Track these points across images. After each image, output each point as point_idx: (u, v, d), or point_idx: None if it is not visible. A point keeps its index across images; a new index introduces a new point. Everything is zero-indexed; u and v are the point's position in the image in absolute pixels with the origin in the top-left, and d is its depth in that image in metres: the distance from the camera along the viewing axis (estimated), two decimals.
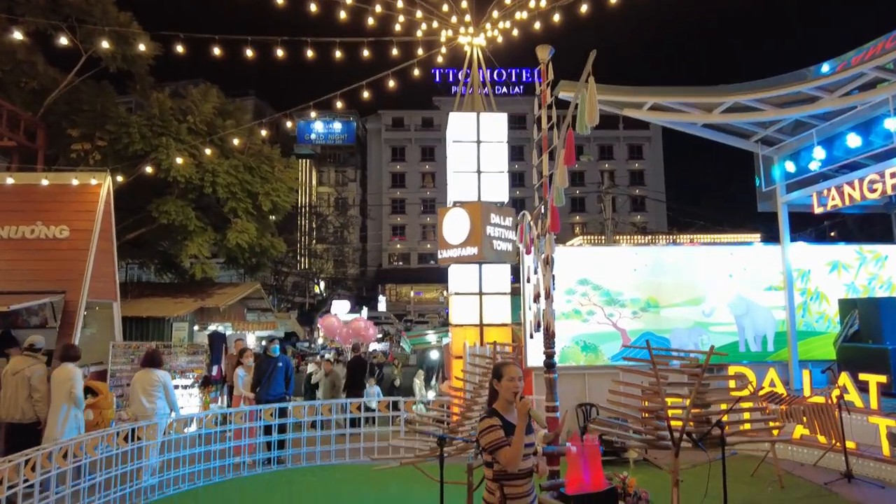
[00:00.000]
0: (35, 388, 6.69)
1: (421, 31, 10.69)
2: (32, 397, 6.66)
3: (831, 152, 9.46)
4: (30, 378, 6.70)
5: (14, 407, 6.64)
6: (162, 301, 13.42)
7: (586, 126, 4.14)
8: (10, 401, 6.66)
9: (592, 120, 4.14)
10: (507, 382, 3.18)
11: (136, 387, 7.36)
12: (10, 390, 6.71)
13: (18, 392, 6.66)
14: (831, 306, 10.63)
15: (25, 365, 6.81)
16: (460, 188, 10.29)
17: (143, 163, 13.18)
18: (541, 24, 10.36)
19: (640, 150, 54.85)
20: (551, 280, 5.91)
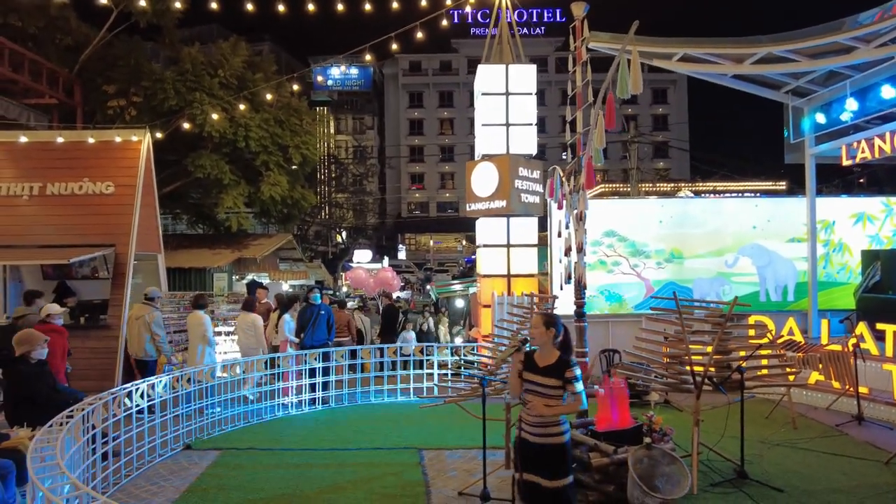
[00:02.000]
0: (154, 333, 8.16)
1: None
2: (153, 339, 8.16)
3: (864, 104, 9.39)
4: (148, 323, 8.14)
5: (139, 347, 8.24)
6: (201, 252, 14.02)
7: (628, 91, 4.33)
8: (135, 341, 8.27)
9: (637, 88, 4.32)
10: (531, 330, 3.73)
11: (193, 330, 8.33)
12: (134, 333, 8.29)
13: (140, 334, 8.18)
14: (854, 257, 10.80)
15: (144, 312, 8.24)
16: (488, 140, 10.47)
17: (178, 118, 13.49)
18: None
19: (664, 95, 53.47)
20: (584, 235, 6.23)
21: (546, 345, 3.61)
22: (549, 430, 3.56)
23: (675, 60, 9.91)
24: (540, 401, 3.55)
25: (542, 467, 3.57)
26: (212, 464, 6.11)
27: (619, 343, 9.72)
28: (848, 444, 6.58)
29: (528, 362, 3.65)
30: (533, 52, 50.24)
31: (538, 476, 3.57)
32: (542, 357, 3.62)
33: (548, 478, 3.54)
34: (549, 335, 3.60)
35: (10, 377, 5.47)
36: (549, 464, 3.56)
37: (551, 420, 3.56)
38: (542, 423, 3.56)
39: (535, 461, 3.61)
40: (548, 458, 3.56)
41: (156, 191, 11.66)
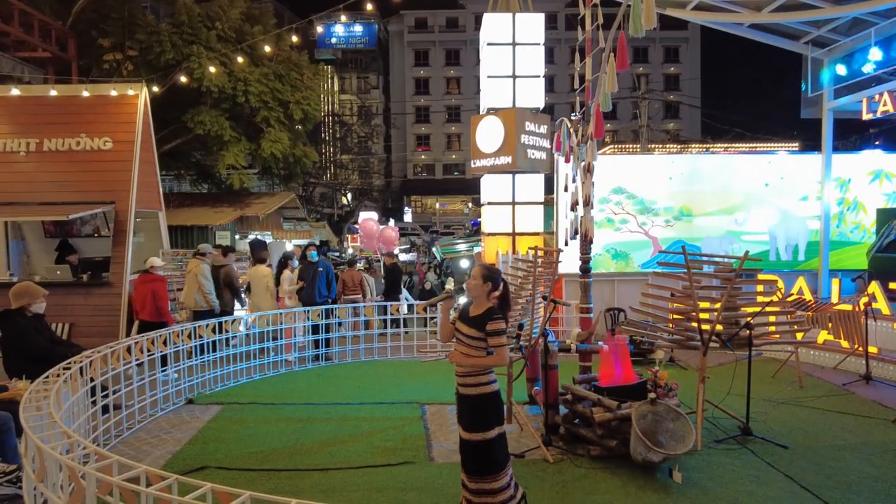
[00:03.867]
0: (202, 284, 8.52)
1: None
2: (201, 290, 8.52)
3: (889, 53, 8.97)
4: (198, 276, 8.51)
5: (191, 298, 8.62)
6: (203, 210, 13.89)
7: (641, 28, 4.05)
8: (189, 294, 8.68)
9: (650, 22, 4.04)
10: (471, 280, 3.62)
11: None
12: (189, 286, 8.72)
13: (192, 286, 8.59)
14: (868, 216, 10.55)
15: (194, 266, 8.67)
16: (494, 93, 10.14)
17: (176, 72, 13.16)
18: None
19: (676, 53, 51.99)
20: (591, 188, 6.02)
21: (480, 297, 3.55)
22: (472, 381, 3.51)
23: (690, 9, 9.46)
24: (461, 349, 3.52)
25: (462, 418, 3.56)
26: (213, 417, 6.11)
27: (624, 302, 9.60)
28: (854, 402, 6.50)
29: (463, 311, 3.63)
30: (542, 7, 48.65)
31: (461, 427, 3.55)
32: (475, 308, 3.57)
33: (465, 429, 3.51)
34: (484, 289, 3.54)
35: (6, 329, 5.42)
36: (469, 415, 3.52)
37: (476, 370, 3.49)
38: (466, 372, 3.52)
39: (459, 412, 3.61)
40: (468, 409, 3.52)
41: (155, 147, 11.44)
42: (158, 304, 7.80)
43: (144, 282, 7.91)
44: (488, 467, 3.45)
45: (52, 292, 6.16)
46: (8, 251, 10.96)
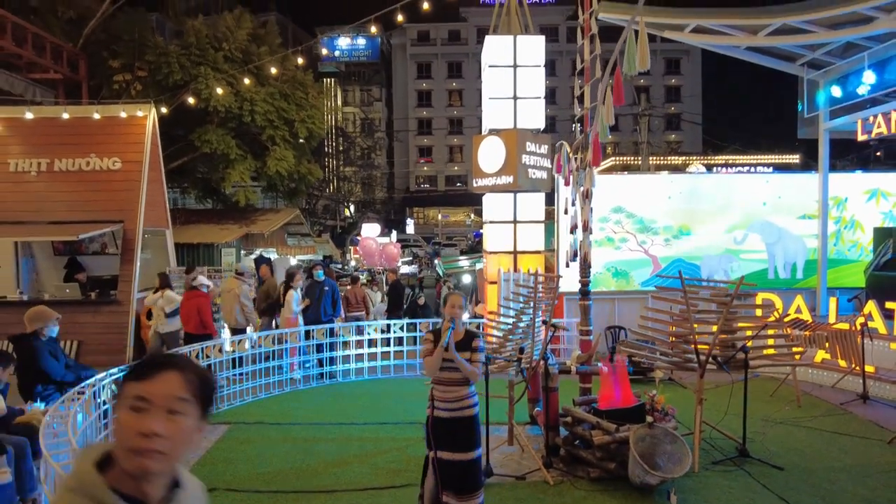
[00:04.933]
0: (242, 304, 8.89)
1: None
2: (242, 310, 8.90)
3: (882, 76, 9.15)
4: (238, 295, 8.88)
5: (231, 316, 8.96)
6: (208, 227, 14.09)
7: (635, 68, 4.23)
8: (229, 312, 9.00)
9: (644, 64, 4.23)
10: (448, 309, 3.90)
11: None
12: (227, 304, 9.05)
13: (232, 306, 8.95)
14: (866, 234, 10.67)
15: (235, 286, 9.03)
16: (495, 115, 10.31)
17: (184, 93, 13.41)
18: None
19: (677, 65, 52.41)
20: (590, 213, 6.18)
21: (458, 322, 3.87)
22: (467, 402, 3.78)
23: (687, 32, 9.67)
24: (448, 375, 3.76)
25: (455, 441, 3.75)
26: (221, 438, 6.24)
27: (625, 320, 9.72)
28: (852, 422, 6.60)
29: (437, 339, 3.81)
30: (543, 20, 49.43)
31: (451, 451, 3.73)
32: (455, 333, 3.81)
33: (461, 450, 3.72)
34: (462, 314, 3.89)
35: (21, 353, 5.58)
36: (461, 437, 3.75)
37: (464, 394, 3.78)
38: (457, 397, 3.76)
39: (447, 437, 3.78)
40: (460, 432, 3.75)
41: (162, 166, 11.67)
42: (203, 318, 8.21)
43: (190, 297, 8.34)
44: (475, 484, 3.68)
45: (61, 310, 6.31)
46: (18, 269, 11.14)
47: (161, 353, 1.38)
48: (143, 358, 1.28)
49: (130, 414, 1.13)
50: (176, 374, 1.18)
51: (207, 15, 15.69)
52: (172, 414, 1.15)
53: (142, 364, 1.21)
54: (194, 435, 1.22)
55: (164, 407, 1.14)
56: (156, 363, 1.20)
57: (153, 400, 1.14)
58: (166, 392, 1.16)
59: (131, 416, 1.13)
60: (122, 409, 1.15)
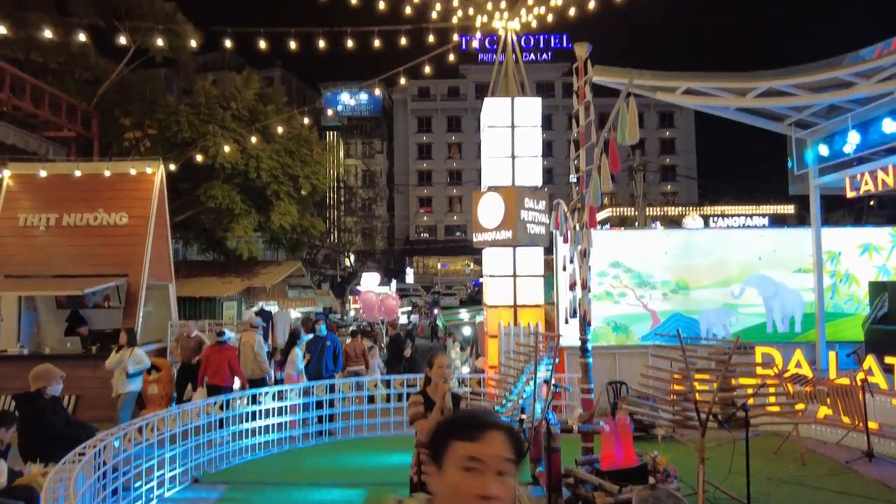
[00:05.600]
0: (257, 354, 9.21)
1: (456, 17, 10.89)
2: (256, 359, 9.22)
3: (866, 137, 9.47)
4: (253, 347, 9.21)
5: (247, 367, 9.16)
6: (211, 280, 14.22)
7: (626, 140, 4.47)
8: (248, 363, 9.21)
9: (633, 138, 4.46)
10: (437, 370, 3.84)
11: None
12: (245, 356, 9.29)
13: (248, 357, 9.23)
14: (861, 288, 10.77)
15: (251, 338, 9.37)
16: (494, 172, 10.61)
17: (192, 149, 13.83)
18: (575, 10, 10.47)
19: (671, 118, 53.84)
20: (588, 271, 6.32)
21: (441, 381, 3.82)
22: None
23: (679, 94, 10.06)
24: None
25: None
26: (219, 499, 6.16)
27: (625, 375, 9.71)
28: (857, 481, 6.53)
29: (427, 402, 3.78)
30: (540, 77, 51.16)
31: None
32: (435, 392, 3.77)
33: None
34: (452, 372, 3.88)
35: (24, 412, 5.59)
36: None
37: None
38: None
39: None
40: None
41: (168, 221, 11.92)
42: (234, 370, 8.78)
43: (220, 351, 8.81)
44: None
45: (61, 364, 6.33)
46: (20, 323, 11.19)
47: (483, 413, 1.33)
48: (461, 417, 1.27)
49: (464, 475, 1.13)
50: (501, 435, 1.18)
51: (215, 70, 16.31)
52: (501, 475, 1.15)
53: (467, 424, 1.20)
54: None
55: (494, 468, 1.14)
56: (482, 423, 1.19)
57: (486, 461, 1.14)
58: (496, 453, 1.15)
59: (466, 477, 1.13)
60: (452, 470, 1.15)
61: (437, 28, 10.90)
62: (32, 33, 12.20)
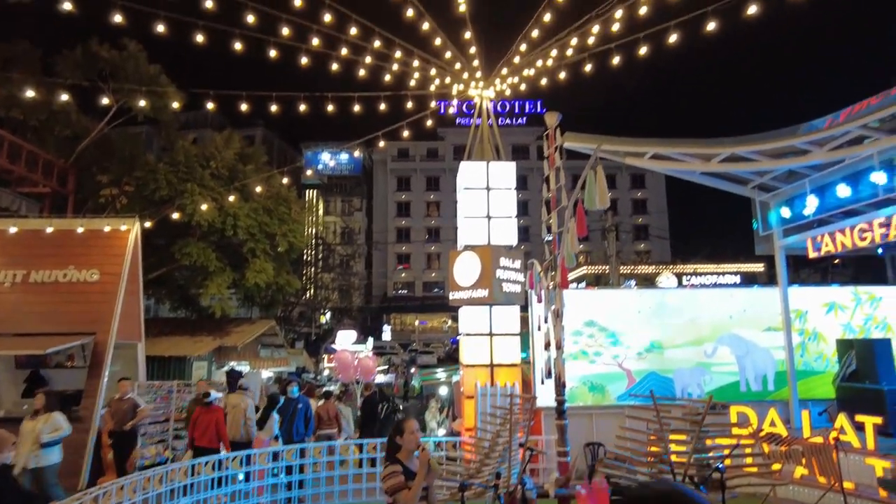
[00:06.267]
0: (248, 418, 9.03)
1: (434, 85, 11.33)
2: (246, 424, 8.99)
3: (823, 200, 9.93)
4: (245, 409, 9.02)
5: (236, 430, 8.94)
6: (181, 340, 13.88)
7: (595, 205, 4.65)
8: (233, 425, 8.98)
9: (604, 203, 4.65)
10: (409, 436, 3.73)
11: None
12: (232, 418, 9.05)
13: (238, 420, 9.00)
14: (829, 346, 10.99)
15: (241, 401, 9.18)
16: (471, 232, 10.80)
17: (168, 207, 13.81)
18: (547, 80, 11.01)
19: (642, 180, 55.65)
20: (561, 331, 6.37)
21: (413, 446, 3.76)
22: None
23: (647, 158, 10.51)
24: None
25: None
26: None
27: (603, 435, 9.60)
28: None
29: (405, 472, 3.67)
30: (515, 140, 52.93)
31: None
32: (408, 459, 3.69)
33: None
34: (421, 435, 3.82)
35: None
36: None
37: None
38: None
39: None
40: None
41: (141, 278, 11.73)
42: (220, 432, 8.58)
43: (207, 412, 8.65)
44: None
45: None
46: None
47: (680, 492, 1.23)
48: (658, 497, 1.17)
49: None
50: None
51: (197, 129, 16.56)
52: None
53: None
54: None
55: None
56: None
57: None
58: None
59: None
60: None
61: (416, 95, 11.30)
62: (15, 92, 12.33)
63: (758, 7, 7.52)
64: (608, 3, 8.58)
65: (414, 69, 10.70)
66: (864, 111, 8.38)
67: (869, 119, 8.26)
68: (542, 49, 10.17)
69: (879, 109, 7.98)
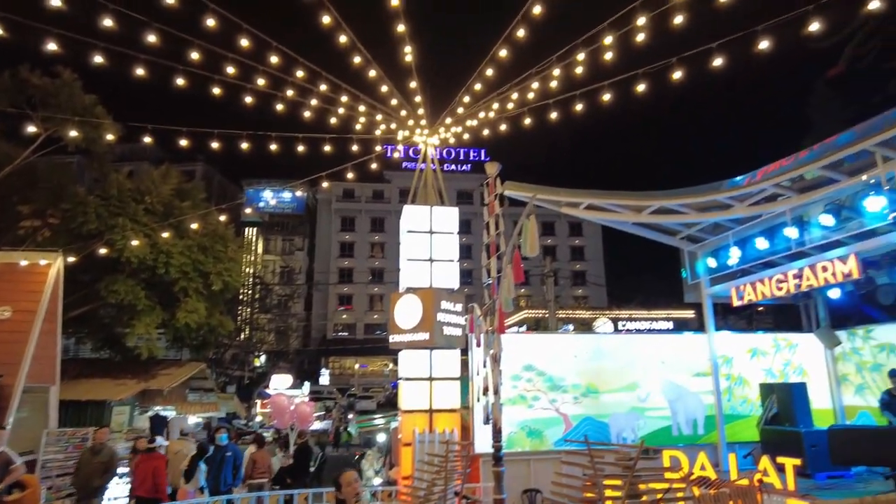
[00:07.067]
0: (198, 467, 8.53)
1: (380, 130, 11.50)
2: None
3: (745, 252, 10.62)
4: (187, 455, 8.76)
5: (178, 477, 8.65)
6: (102, 382, 12.99)
7: (527, 252, 4.80)
8: (175, 473, 8.73)
9: (533, 251, 4.82)
10: (347, 489, 3.76)
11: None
12: (175, 466, 8.85)
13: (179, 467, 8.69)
14: (753, 390, 11.54)
15: (183, 447, 9.05)
16: (413, 275, 10.79)
17: (96, 242, 13.13)
18: (489, 131, 11.40)
19: (580, 228, 57.67)
20: (499, 376, 6.41)
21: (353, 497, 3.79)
22: None
23: (583, 209, 10.97)
24: None
25: None
26: None
27: (541, 482, 9.58)
28: None
29: None
30: (460, 186, 54.03)
31: None
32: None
33: None
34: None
35: None
36: None
37: None
38: None
39: None
40: None
41: (60, 316, 10.99)
42: (158, 481, 8.17)
43: (149, 459, 8.25)
44: None
45: None
46: None
47: None
48: None
49: None
50: None
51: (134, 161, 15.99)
52: None
53: None
54: None
55: None
56: None
57: None
58: None
59: None
60: None
61: (362, 138, 11.42)
62: None
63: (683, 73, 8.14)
64: (546, 61, 9.07)
65: (360, 114, 10.84)
66: (777, 171, 9.11)
67: (781, 179, 8.99)
68: (485, 102, 10.56)
69: (790, 170, 8.71)
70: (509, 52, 9.05)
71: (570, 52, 8.73)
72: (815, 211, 9.35)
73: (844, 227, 9.02)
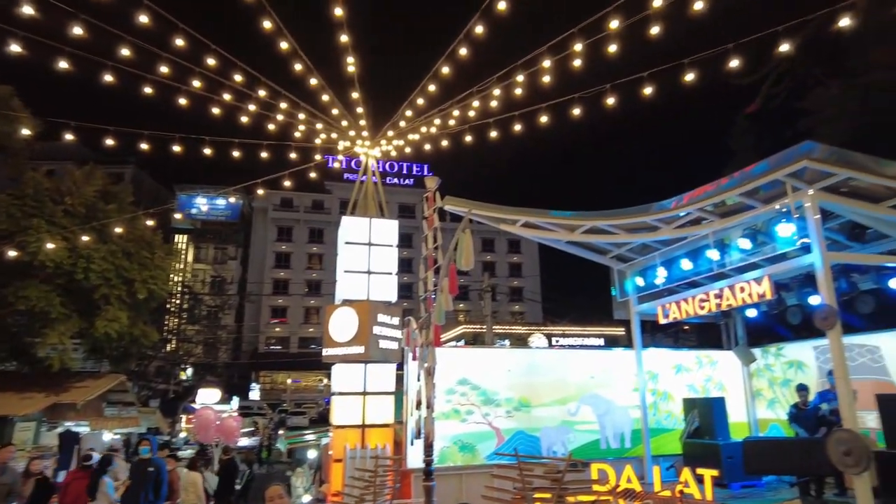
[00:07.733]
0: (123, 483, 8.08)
1: (320, 139, 11.36)
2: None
3: (671, 272, 11.13)
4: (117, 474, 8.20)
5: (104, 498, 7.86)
6: (5, 396, 11.96)
7: (462, 265, 4.86)
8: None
9: (468, 265, 4.89)
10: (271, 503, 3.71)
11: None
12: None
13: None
14: (677, 405, 12.05)
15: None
16: (350, 287, 10.65)
17: (6, 244, 12.17)
18: (431, 146, 11.50)
19: (518, 245, 58.88)
20: (433, 390, 6.40)
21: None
22: None
23: (519, 226, 11.20)
24: None
25: None
26: None
27: (473, 496, 9.57)
28: None
29: None
30: (402, 200, 54.00)
31: None
32: None
33: None
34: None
35: None
36: None
37: None
38: None
39: None
40: None
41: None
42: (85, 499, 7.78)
43: (83, 477, 7.74)
44: None
45: None
46: None
47: None
48: None
49: None
50: None
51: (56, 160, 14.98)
52: None
53: None
54: None
55: None
56: None
57: None
58: None
59: None
60: None
61: (301, 146, 11.23)
62: None
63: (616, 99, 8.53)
64: (487, 81, 9.28)
65: (300, 121, 10.67)
66: (701, 196, 9.64)
67: (705, 203, 9.52)
68: (427, 117, 10.66)
69: (713, 196, 9.24)
70: (451, 69, 9.20)
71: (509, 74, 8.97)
72: (734, 235, 9.93)
73: (760, 250, 9.64)
